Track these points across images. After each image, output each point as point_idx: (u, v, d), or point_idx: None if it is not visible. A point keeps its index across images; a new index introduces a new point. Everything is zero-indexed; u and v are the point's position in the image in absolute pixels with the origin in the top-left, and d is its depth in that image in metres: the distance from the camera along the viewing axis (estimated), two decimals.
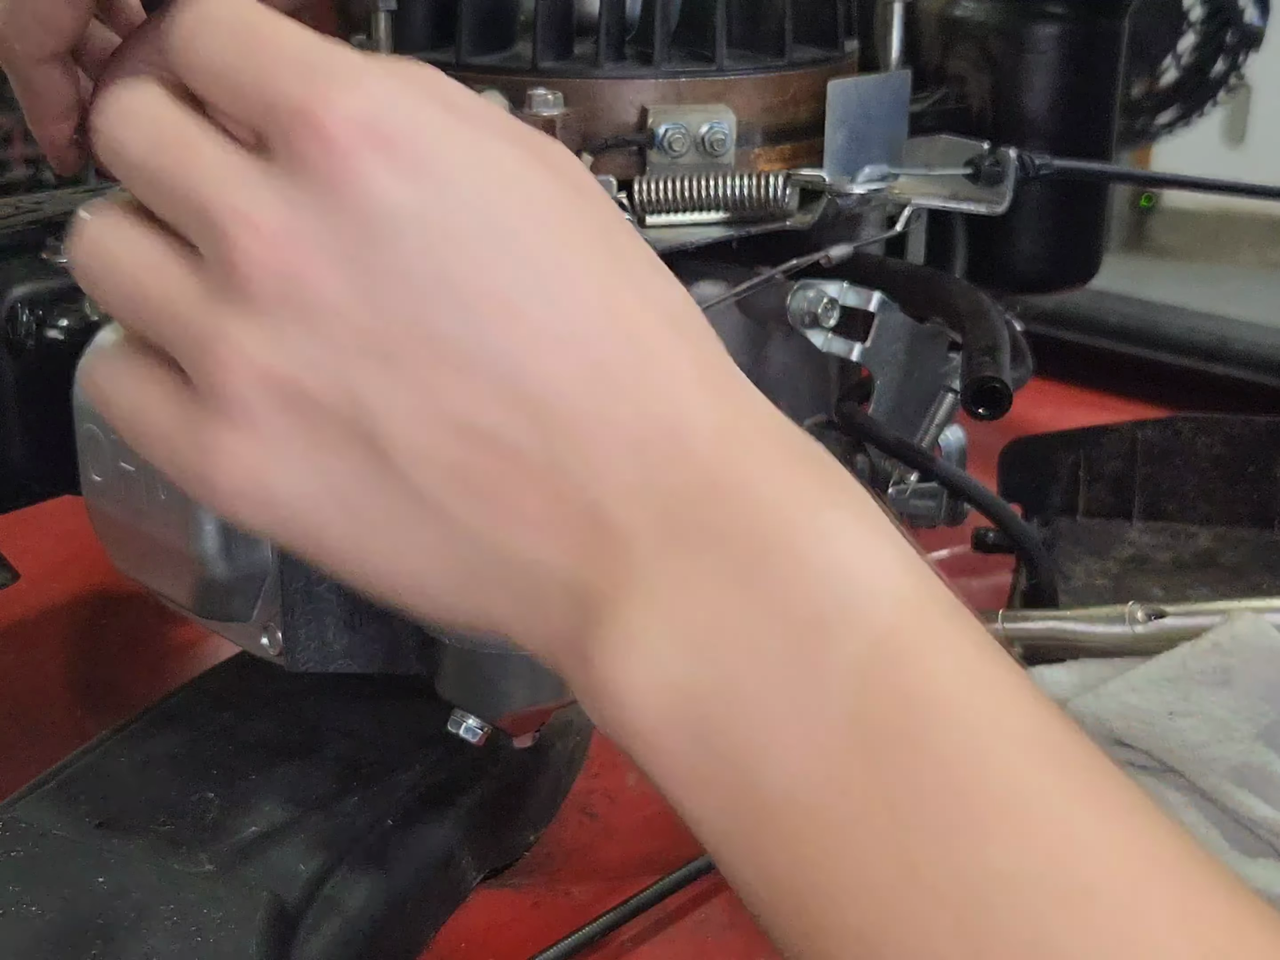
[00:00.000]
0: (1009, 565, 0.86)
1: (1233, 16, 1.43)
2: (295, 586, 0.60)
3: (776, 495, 0.39)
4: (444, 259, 0.39)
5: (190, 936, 0.54)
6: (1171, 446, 0.85)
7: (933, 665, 0.38)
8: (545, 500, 0.39)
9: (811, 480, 0.40)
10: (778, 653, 0.37)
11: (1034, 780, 0.37)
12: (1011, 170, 0.73)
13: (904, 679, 0.37)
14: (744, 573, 0.38)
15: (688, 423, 0.39)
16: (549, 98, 0.71)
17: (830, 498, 0.39)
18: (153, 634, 0.88)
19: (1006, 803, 0.36)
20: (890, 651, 0.37)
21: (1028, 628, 0.67)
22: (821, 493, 0.39)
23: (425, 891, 0.64)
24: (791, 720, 0.37)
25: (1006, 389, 0.66)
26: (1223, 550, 0.83)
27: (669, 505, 0.39)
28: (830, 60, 0.78)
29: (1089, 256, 0.89)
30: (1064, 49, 0.83)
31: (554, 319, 0.39)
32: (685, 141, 0.72)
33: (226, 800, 0.63)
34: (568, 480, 0.39)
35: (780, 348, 0.80)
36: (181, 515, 0.62)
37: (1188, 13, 1.43)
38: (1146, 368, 1.19)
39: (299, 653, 0.61)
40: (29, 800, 0.63)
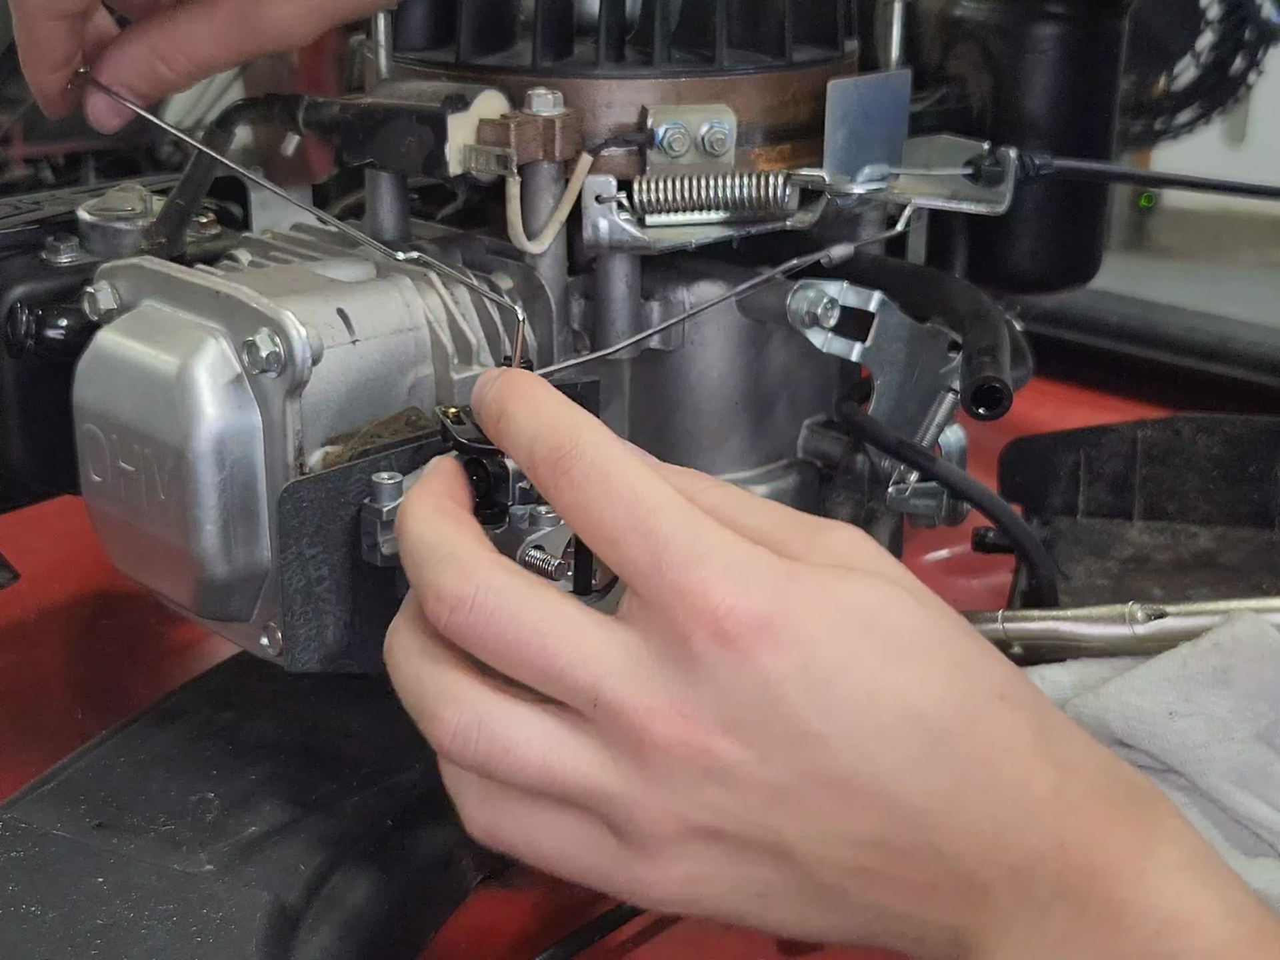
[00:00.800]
0: (1009, 565, 0.86)
1: (1250, 13, 1.43)
2: (295, 587, 0.60)
3: (1105, 852, 0.46)
4: (822, 711, 0.47)
5: (190, 937, 0.54)
6: (1172, 446, 0.85)
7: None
8: (923, 875, 0.47)
9: (1137, 830, 0.47)
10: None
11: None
12: (1012, 170, 0.73)
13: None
14: (1083, 926, 0.45)
15: (1029, 794, 0.47)
16: (549, 97, 0.71)
17: (1152, 848, 0.46)
18: (152, 634, 0.88)
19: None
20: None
21: (1028, 628, 0.67)
22: (1144, 843, 0.46)
23: (425, 892, 0.64)
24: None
25: (1007, 389, 0.66)
26: (1223, 550, 0.83)
27: (1019, 864, 0.46)
28: (830, 60, 0.78)
29: (1089, 257, 0.89)
30: (1064, 49, 0.83)
31: (916, 742, 0.47)
32: (685, 141, 0.72)
33: (226, 800, 0.63)
34: (940, 861, 0.47)
35: (781, 347, 0.80)
36: (181, 515, 0.62)
37: (1205, 11, 1.43)
38: (1147, 368, 1.19)
39: (299, 653, 0.61)
40: (29, 800, 0.63)
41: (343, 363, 0.64)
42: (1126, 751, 0.62)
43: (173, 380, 0.62)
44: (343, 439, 0.64)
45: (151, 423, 0.63)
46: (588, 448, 0.50)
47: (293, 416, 0.61)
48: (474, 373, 0.69)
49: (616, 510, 0.48)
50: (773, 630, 0.47)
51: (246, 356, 0.61)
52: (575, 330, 0.76)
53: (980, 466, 0.89)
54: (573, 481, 0.49)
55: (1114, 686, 0.62)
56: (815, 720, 0.47)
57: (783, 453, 0.82)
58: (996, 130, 0.85)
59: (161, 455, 0.62)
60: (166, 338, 0.63)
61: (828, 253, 0.74)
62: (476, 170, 0.70)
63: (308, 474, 0.61)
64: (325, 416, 0.63)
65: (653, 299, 0.77)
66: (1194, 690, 0.61)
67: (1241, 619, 0.63)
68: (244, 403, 0.62)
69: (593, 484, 0.49)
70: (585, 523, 0.49)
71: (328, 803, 0.63)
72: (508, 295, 0.72)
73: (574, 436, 0.50)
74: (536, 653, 0.48)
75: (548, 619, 0.48)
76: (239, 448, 0.62)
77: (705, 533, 0.48)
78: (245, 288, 0.62)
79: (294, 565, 0.60)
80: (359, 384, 0.64)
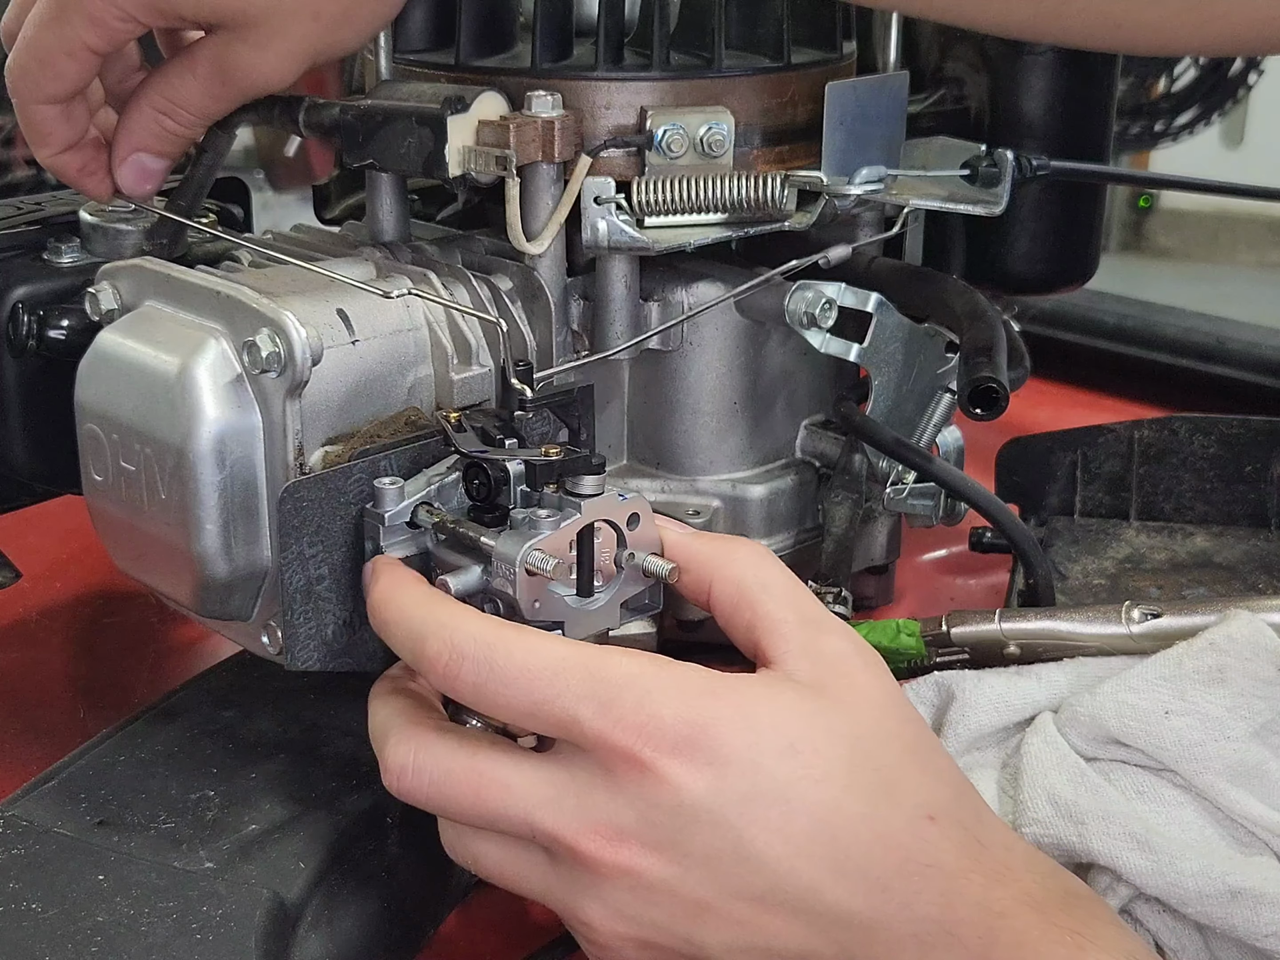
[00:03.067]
0: (1007, 565, 0.87)
1: None
2: (295, 586, 0.60)
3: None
4: (738, 830, 0.49)
5: (190, 934, 0.54)
6: (1168, 447, 0.85)
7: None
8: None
9: (1068, 938, 0.48)
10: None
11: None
12: (1009, 171, 0.73)
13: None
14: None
15: (952, 911, 0.48)
16: (548, 99, 0.71)
17: (1084, 956, 0.47)
18: (154, 633, 0.88)
19: None
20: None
21: (1024, 627, 0.68)
22: (1076, 952, 0.47)
23: (424, 889, 0.64)
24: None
25: (1003, 390, 0.66)
26: (1219, 550, 0.83)
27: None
28: (828, 62, 0.79)
29: (1086, 258, 0.90)
30: (1061, 51, 0.83)
31: (834, 855, 0.49)
32: (683, 143, 0.73)
33: (227, 798, 0.63)
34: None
35: (779, 348, 0.80)
36: (182, 515, 0.63)
37: None
38: (1144, 368, 1.19)
39: (299, 652, 0.62)
40: (30, 798, 0.63)
41: (343, 363, 0.64)
42: (1124, 750, 0.62)
43: (174, 380, 0.62)
44: (343, 439, 0.64)
45: (152, 422, 0.63)
46: (467, 646, 0.52)
47: (293, 416, 0.62)
48: (474, 373, 0.69)
49: (516, 694, 0.52)
50: (689, 750, 0.50)
51: (247, 357, 0.61)
52: (575, 331, 0.77)
53: (978, 466, 0.90)
54: (466, 684, 0.53)
55: (1110, 686, 0.63)
56: (731, 838, 0.49)
57: (781, 453, 0.82)
58: (994, 132, 0.85)
59: (162, 455, 0.63)
60: (167, 338, 0.64)
61: (825, 254, 0.74)
62: (476, 171, 0.70)
63: (308, 474, 0.62)
64: (325, 416, 0.63)
65: (652, 300, 0.77)
66: (1189, 689, 0.61)
67: (1237, 618, 0.63)
68: (244, 403, 0.62)
69: (484, 679, 0.52)
70: (494, 710, 0.53)
71: (328, 801, 0.64)
72: (507, 296, 0.72)
73: (449, 641, 0.53)
74: (472, 800, 0.53)
75: (476, 769, 0.53)
76: (239, 447, 0.62)
77: (612, 674, 0.51)
78: (246, 288, 0.62)
79: (294, 564, 0.60)
80: (359, 384, 0.65)
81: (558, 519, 0.55)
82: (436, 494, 0.60)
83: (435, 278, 0.71)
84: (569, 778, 0.52)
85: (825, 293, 0.75)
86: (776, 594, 0.55)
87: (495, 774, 0.53)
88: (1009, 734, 0.65)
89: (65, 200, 0.82)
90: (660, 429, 0.80)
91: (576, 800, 0.51)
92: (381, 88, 0.75)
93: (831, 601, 0.74)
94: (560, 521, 0.55)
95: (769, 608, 0.55)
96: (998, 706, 0.64)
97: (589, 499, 0.56)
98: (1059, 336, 1.20)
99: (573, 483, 0.56)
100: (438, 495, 0.60)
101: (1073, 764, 0.61)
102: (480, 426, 0.59)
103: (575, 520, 0.55)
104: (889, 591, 0.89)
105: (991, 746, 0.65)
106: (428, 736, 0.54)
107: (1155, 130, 1.60)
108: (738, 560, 0.56)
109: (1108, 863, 0.58)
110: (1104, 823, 0.58)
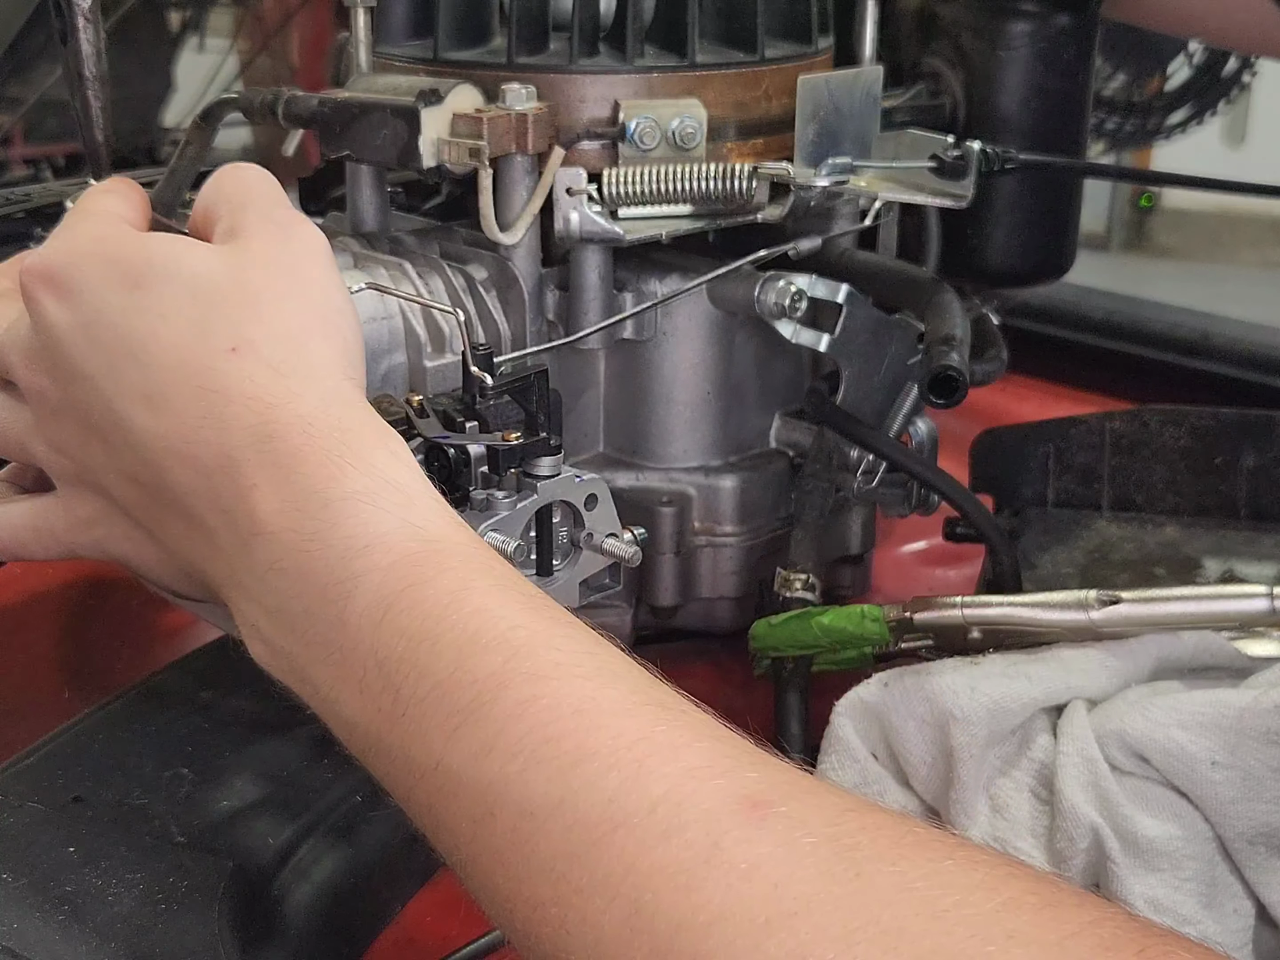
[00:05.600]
0: (984, 556, 0.87)
1: None
2: None
3: (295, 489, 0.51)
4: (83, 353, 0.55)
5: (156, 904, 0.56)
6: (1140, 438, 0.86)
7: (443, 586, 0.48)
8: (173, 514, 0.55)
9: (329, 466, 0.51)
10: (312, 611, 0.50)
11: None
12: (974, 163, 0.74)
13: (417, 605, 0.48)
14: (289, 566, 0.51)
15: (229, 439, 0.52)
16: (522, 92, 0.72)
17: (342, 480, 0.51)
18: (140, 619, 0.89)
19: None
20: (404, 583, 0.48)
21: (985, 614, 0.68)
22: (333, 478, 0.51)
23: (392, 866, 0.65)
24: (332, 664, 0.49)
25: (963, 378, 0.67)
26: (1189, 540, 0.83)
27: (228, 507, 0.52)
28: (803, 56, 0.80)
29: (1061, 251, 0.90)
30: (1035, 45, 0.84)
31: (143, 381, 0.54)
32: (655, 135, 0.74)
33: (201, 775, 0.65)
34: (175, 499, 0.54)
35: (752, 339, 0.81)
36: None
37: None
38: (1130, 363, 1.19)
39: None
40: (7, 774, 0.64)
41: None
42: (1147, 768, 0.62)
43: None
44: None
45: None
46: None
47: None
48: (447, 360, 0.70)
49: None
50: (55, 282, 0.56)
51: None
52: (550, 320, 0.78)
53: (955, 458, 0.90)
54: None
55: (1162, 713, 0.62)
56: (79, 360, 0.56)
57: (755, 443, 0.83)
58: (970, 126, 0.86)
59: None
60: None
61: (795, 245, 0.75)
62: (450, 163, 0.71)
63: None
64: None
65: (626, 290, 0.78)
66: (1242, 744, 0.61)
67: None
68: None
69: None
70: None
71: (299, 778, 0.65)
72: (481, 285, 0.74)
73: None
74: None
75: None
76: None
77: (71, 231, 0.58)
78: None
79: None
80: None
81: (514, 500, 0.56)
82: None
83: (411, 267, 0.72)
84: (20, 313, 0.58)
85: (796, 284, 0.76)
86: (215, 184, 0.60)
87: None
88: (1014, 736, 0.66)
89: (53, 191, 0.83)
90: (635, 418, 0.81)
91: (21, 331, 0.58)
92: (359, 80, 0.77)
93: (800, 588, 0.75)
94: (517, 503, 0.56)
95: (206, 192, 0.60)
96: (995, 714, 0.64)
97: (545, 480, 0.57)
98: (1045, 331, 1.20)
99: (530, 465, 0.57)
100: None
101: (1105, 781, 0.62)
102: (443, 410, 0.60)
103: (532, 501, 0.56)
104: (865, 581, 0.90)
105: (1011, 761, 0.65)
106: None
107: (1149, 128, 1.60)
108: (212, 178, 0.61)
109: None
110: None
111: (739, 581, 0.82)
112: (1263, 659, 0.66)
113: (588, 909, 0.41)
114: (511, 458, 0.58)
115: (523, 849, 0.43)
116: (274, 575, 0.51)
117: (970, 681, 0.65)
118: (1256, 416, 0.87)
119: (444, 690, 0.46)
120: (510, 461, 0.58)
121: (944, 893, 0.38)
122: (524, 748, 0.44)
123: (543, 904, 0.43)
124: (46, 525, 0.61)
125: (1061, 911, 0.38)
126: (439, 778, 0.46)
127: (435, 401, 0.60)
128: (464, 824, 0.45)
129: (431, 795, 0.47)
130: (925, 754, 0.65)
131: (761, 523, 0.82)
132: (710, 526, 0.81)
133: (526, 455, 0.58)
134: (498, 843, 0.44)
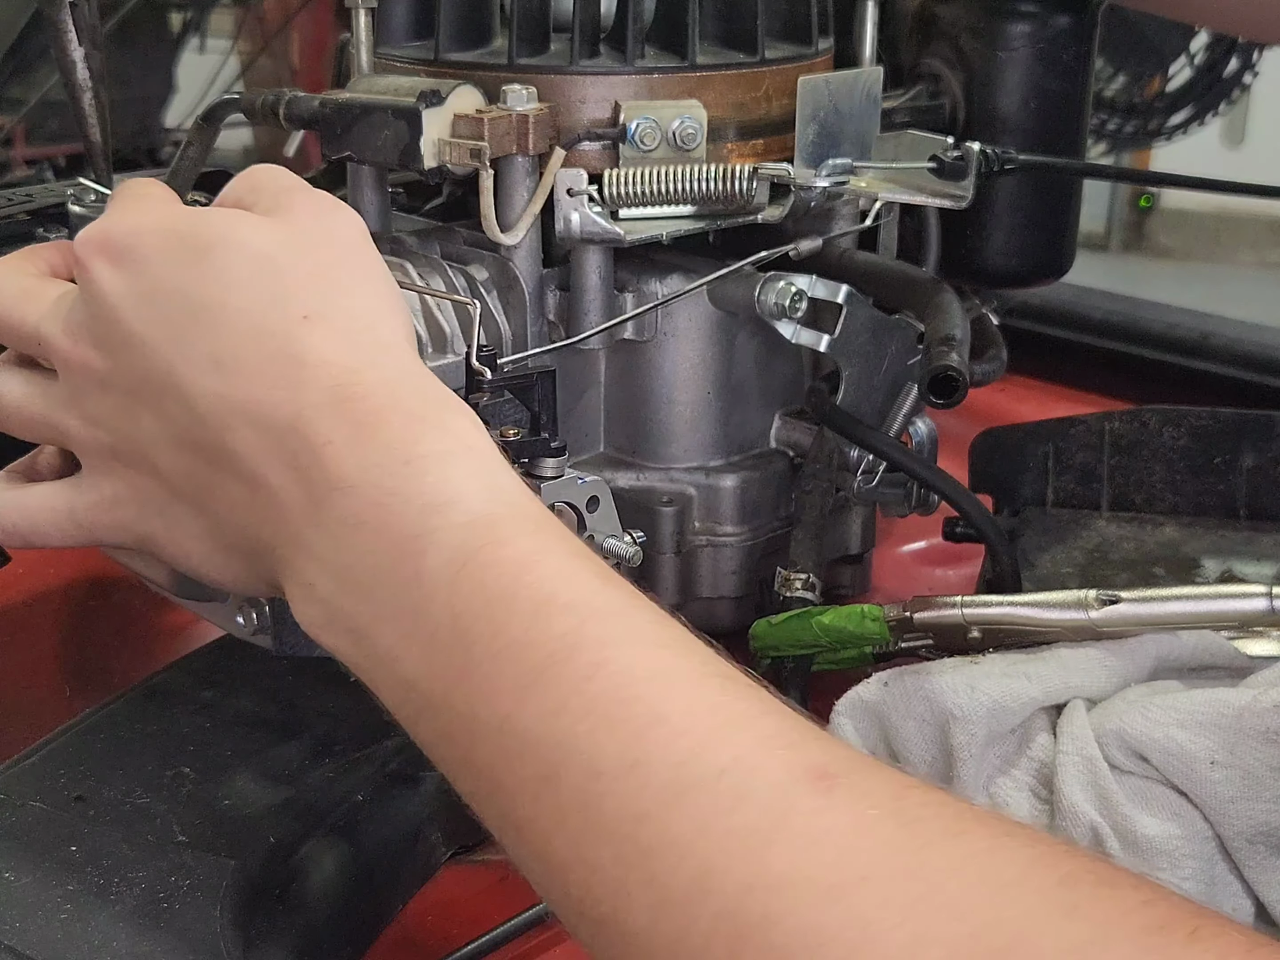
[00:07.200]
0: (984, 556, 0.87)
1: None
2: None
3: (376, 445, 0.51)
4: (144, 320, 0.55)
5: (158, 903, 0.56)
6: (1139, 438, 0.86)
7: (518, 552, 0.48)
8: (230, 480, 0.54)
9: (412, 425, 0.51)
10: (385, 566, 0.49)
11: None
12: (974, 164, 0.74)
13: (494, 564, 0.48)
14: (361, 522, 0.50)
15: (303, 398, 0.52)
16: (523, 93, 0.72)
17: (421, 440, 0.51)
18: (142, 618, 0.89)
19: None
20: (482, 541, 0.48)
21: (985, 613, 0.68)
22: (415, 439, 0.51)
23: (393, 865, 0.65)
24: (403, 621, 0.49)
25: (963, 378, 0.67)
26: (1188, 540, 0.84)
27: (301, 465, 0.51)
28: (803, 57, 0.80)
29: (1061, 252, 0.90)
30: (1034, 46, 0.84)
31: (216, 348, 0.53)
32: (656, 136, 0.74)
33: (202, 775, 0.65)
34: (236, 464, 0.53)
35: (752, 339, 0.81)
36: None
37: None
38: (1130, 364, 1.20)
39: (287, 637, 0.63)
40: (10, 774, 0.64)
41: None
42: (1146, 767, 0.62)
43: None
44: None
45: None
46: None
47: None
48: (448, 360, 0.70)
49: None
50: (114, 251, 0.55)
51: None
52: (551, 321, 0.78)
53: (955, 458, 0.91)
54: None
55: (1161, 712, 0.62)
56: (138, 327, 0.55)
57: (755, 442, 0.83)
58: (969, 127, 0.86)
59: None
60: None
61: (795, 246, 0.75)
62: (451, 163, 0.71)
63: None
64: None
65: (627, 291, 0.78)
66: (1241, 743, 0.60)
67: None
68: None
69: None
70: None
71: (300, 777, 0.65)
72: (482, 286, 0.74)
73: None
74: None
75: (8, 293, 0.59)
76: None
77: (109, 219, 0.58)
78: None
79: None
80: None
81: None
82: None
83: (412, 268, 0.73)
84: (64, 291, 0.58)
85: (796, 284, 0.76)
86: (247, 177, 0.59)
87: (19, 292, 0.59)
88: (1014, 735, 0.66)
89: (55, 191, 0.83)
90: (635, 418, 0.81)
91: (68, 308, 0.57)
92: (361, 81, 0.77)
93: (800, 588, 0.75)
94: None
95: (236, 185, 0.59)
96: (995, 713, 0.64)
97: (549, 481, 0.57)
98: (1044, 331, 1.20)
99: (533, 465, 0.57)
100: None
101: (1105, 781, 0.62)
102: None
103: None
104: (865, 581, 0.90)
105: (1011, 761, 0.66)
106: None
107: (1149, 129, 1.60)
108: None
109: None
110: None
111: (739, 581, 0.82)
112: (1262, 658, 0.66)
113: (656, 869, 0.42)
114: (507, 454, 0.58)
115: (588, 810, 0.43)
116: (348, 531, 0.50)
117: (970, 681, 0.66)
118: (1255, 416, 0.87)
119: (518, 648, 0.46)
120: (509, 458, 0.58)
121: (1006, 866, 0.39)
122: (596, 708, 0.44)
123: (603, 865, 0.43)
124: (66, 506, 0.60)
125: (1118, 890, 0.39)
126: (504, 737, 0.46)
127: None
128: (528, 784, 0.45)
129: (494, 755, 0.46)
130: (925, 753, 0.66)
131: (762, 522, 0.82)
132: (711, 526, 0.81)
133: (525, 453, 0.58)
134: (562, 802, 0.44)
